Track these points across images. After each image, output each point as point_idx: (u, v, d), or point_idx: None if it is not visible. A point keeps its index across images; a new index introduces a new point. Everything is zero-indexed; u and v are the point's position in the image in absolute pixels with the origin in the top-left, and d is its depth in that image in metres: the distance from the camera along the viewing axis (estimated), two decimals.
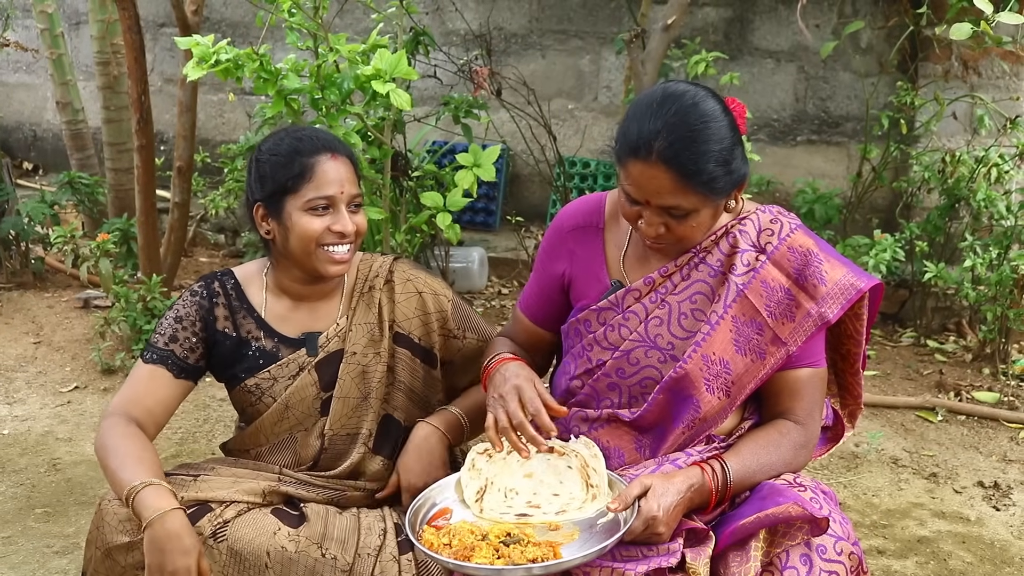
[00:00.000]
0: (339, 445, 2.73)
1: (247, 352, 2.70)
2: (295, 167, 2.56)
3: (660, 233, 2.34)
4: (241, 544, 2.42)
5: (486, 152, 3.98)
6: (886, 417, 5.06)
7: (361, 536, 2.51)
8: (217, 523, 2.45)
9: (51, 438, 4.69)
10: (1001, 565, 3.74)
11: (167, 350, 2.67)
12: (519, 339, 2.76)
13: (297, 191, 2.56)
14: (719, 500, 2.34)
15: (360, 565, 2.45)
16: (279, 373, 2.69)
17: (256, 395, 2.70)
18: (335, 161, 2.59)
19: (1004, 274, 5.34)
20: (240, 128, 8.33)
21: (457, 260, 6.48)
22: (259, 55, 3.72)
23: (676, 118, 2.25)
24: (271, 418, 2.69)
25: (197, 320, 2.69)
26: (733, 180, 2.33)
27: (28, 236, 6.68)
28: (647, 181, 2.27)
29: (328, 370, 2.70)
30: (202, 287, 2.74)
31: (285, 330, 2.72)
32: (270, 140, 2.66)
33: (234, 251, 7.61)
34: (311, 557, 2.44)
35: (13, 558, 3.65)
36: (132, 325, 5.39)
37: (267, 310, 2.73)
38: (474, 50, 5.77)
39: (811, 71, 7.04)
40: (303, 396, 2.69)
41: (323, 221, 2.57)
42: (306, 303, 2.75)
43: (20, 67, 10.04)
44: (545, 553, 2.17)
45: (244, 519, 2.48)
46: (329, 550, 2.45)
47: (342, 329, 2.73)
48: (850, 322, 2.51)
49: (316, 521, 2.52)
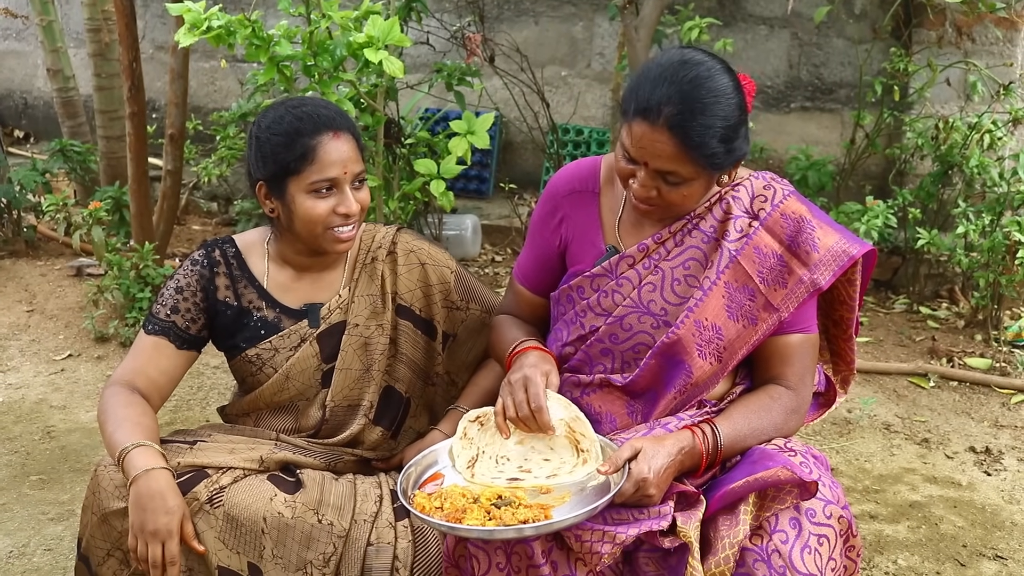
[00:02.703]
0: (340, 416, 2.73)
1: (248, 322, 2.69)
2: (297, 148, 2.52)
3: (650, 196, 2.34)
4: (237, 510, 2.42)
5: (479, 119, 3.96)
6: (878, 383, 5.08)
7: (357, 502, 2.51)
8: (213, 489, 2.44)
9: (45, 406, 4.70)
10: (992, 529, 3.76)
11: (168, 321, 2.65)
12: (522, 313, 2.75)
13: (300, 173, 2.53)
14: (710, 464, 2.35)
15: (356, 531, 2.45)
16: (280, 344, 2.68)
17: (257, 365, 2.69)
18: (337, 140, 2.54)
19: (996, 240, 5.35)
20: (232, 95, 8.29)
21: (450, 227, 6.48)
22: (251, 21, 3.69)
23: (690, 87, 2.24)
24: (271, 388, 2.69)
25: (198, 290, 2.67)
26: (732, 158, 2.34)
27: (20, 204, 6.67)
28: (649, 143, 2.27)
29: (330, 342, 2.69)
30: (203, 256, 2.71)
31: (287, 300, 2.71)
32: (269, 115, 2.60)
33: (227, 219, 7.60)
34: (307, 523, 2.44)
35: (8, 525, 3.66)
36: (125, 293, 5.39)
37: (269, 279, 2.71)
38: (467, 16, 5.75)
39: (804, 37, 7.02)
40: (304, 367, 2.68)
41: (328, 203, 2.55)
42: (309, 273, 2.73)
43: (10, 34, 9.98)
44: (536, 515, 2.18)
45: (240, 485, 2.47)
46: (325, 516, 2.45)
47: (344, 300, 2.72)
48: (843, 288, 2.51)
49: (312, 487, 2.51)
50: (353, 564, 2.43)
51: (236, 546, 2.43)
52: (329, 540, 2.43)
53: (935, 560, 3.57)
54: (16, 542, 3.55)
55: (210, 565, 2.43)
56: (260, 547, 2.42)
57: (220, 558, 2.42)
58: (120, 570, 2.47)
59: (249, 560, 2.43)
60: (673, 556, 2.25)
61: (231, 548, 2.43)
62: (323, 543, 2.43)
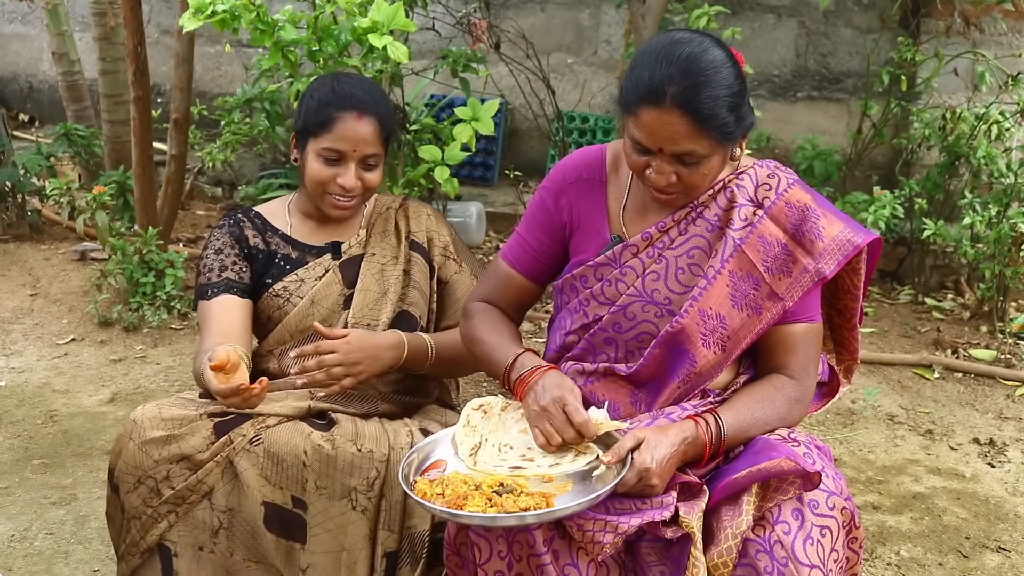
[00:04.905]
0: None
1: (276, 261, 2.93)
2: (322, 114, 2.79)
3: (671, 182, 2.33)
4: (278, 446, 2.55)
5: (484, 106, 3.95)
6: (883, 374, 5.07)
7: (390, 436, 2.64)
8: (260, 427, 2.58)
9: (48, 390, 4.70)
10: (995, 521, 3.76)
11: (223, 279, 2.88)
12: (505, 298, 2.70)
13: (317, 136, 2.80)
14: (713, 454, 2.34)
15: (395, 456, 2.57)
16: (306, 275, 2.90)
17: (284, 297, 2.89)
18: (359, 121, 2.79)
19: (1003, 232, 5.34)
20: (237, 80, 8.28)
21: (455, 214, 6.46)
22: (256, 6, 3.68)
23: (688, 63, 2.24)
24: (298, 315, 2.86)
25: (234, 244, 2.92)
26: (743, 126, 2.33)
27: (24, 188, 6.67)
28: (661, 127, 2.25)
29: (351, 270, 2.93)
30: (227, 218, 2.99)
31: (311, 241, 2.97)
32: (319, 80, 2.92)
33: (231, 204, 7.60)
34: (348, 452, 2.57)
35: (11, 508, 3.66)
36: (129, 278, 5.39)
37: (293, 228, 2.99)
38: (472, 3, 5.73)
39: (812, 26, 6.99)
40: (328, 292, 2.89)
41: (331, 171, 2.81)
42: (330, 223, 2.98)
43: (15, 17, 9.97)
44: (538, 503, 2.17)
45: (279, 428, 2.60)
46: (364, 445, 2.58)
47: (362, 239, 2.99)
48: (847, 277, 2.51)
49: (346, 423, 2.66)
50: (396, 487, 2.55)
51: (279, 481, 2.55)
52: (371, 465, 2.57)
53: (938, 552, 3.56)
54: (18, 526, 3.56)
55: (254, 502, 2.54)
56: (303, 479, 2.55)
57: (264, 494, 2.55)
58: (150, 497, 2.56)
59: (292, 494, 2.55)
60: (675, 546, 2.25)
61: (274, 484, 2.55)
62: (365, 469, 2.56)
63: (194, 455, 2.54)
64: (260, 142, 6.55)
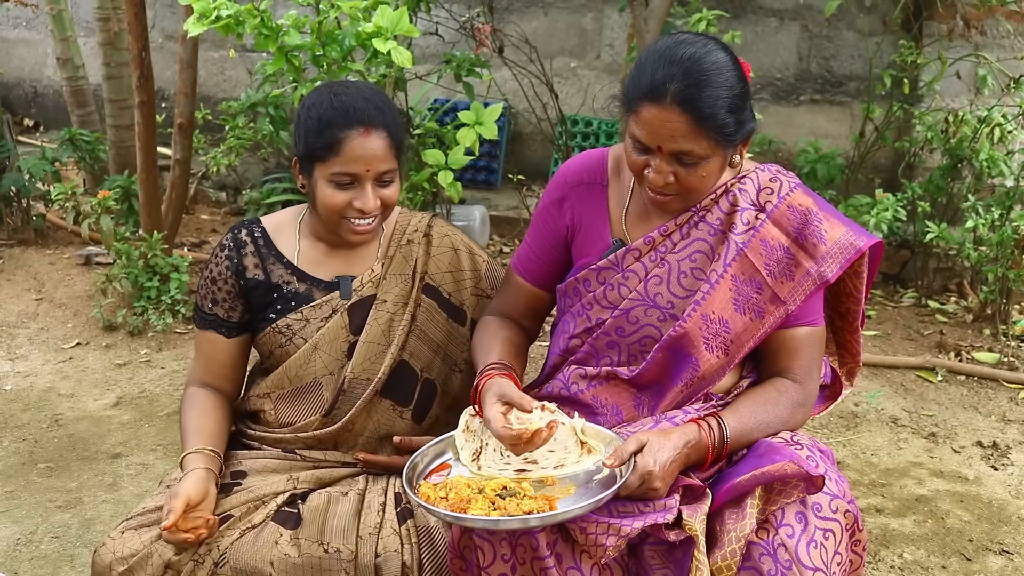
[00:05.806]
0: (356, 389, 2.70)
1: (279, 295, 2.70)
2: (325, 137, 2.53)
3: (668, 182, 2.33)
4: (243, 562, 2.43)
5: (488, 110, 3.97)
6: (886, 377, 5.07)
7: (361, 518, 2.50)
8: (229, 537, 2.46)
9: (53, 394, 4.71)
10: (998, 524, 3.76)
11: (212, 315, 2.73)
12: (517, 308, 2.72)
13: (325, 161, 2.54)
14: (716, 457, 2.35)
15: (363, 548, 2.43)
16: (312, 315, 2.69)
17: (287, 336, 2.69)
18: (366, 137, 2.53)
19: (1005, 235, 5.34)
20: (241, 85, 8.29)
21: (458, 218, 6.47)
22: (260, 11, 3.70)
23: (691, 63, 2.25)
24: (298, 361, 2.68)
25: (229, 277, 2.71)
26: (743, 131, 2.33)
27: (29, 193, 6.68)
28: (661, 125, 2.26)
29: (359, 314, 2.70)
30: (230, 239, 2.74)
31: (319, 273, 2.72)
32: (314, 96, 2.62)
33: (235, 208, 7.61)
34: (315, 557, 2.42)
35: (16, 512, 3.67)
36: (133, 282, 5.41)
37: (301, 255, 2.73)
38: (476, 7, 5.74)
39: (814, 30, 7.00)
40: (333, 338, 2.69)
41: (346, 195, 2.55)
42: (343, 248, 2.74)
43: (20, 23, 9.99)
44: (541, 506, 2.18)
45: (244, 540, 2.47)
46: (331, 544, 2.44)
47: (377, 275, 2.73)
48: (850, 280, 2.51)
49: (313, 520, 2.50)
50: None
51: None
52: (339, 568, 2.42)
53: (941, 554, 3.56)
54: (24, 529, 3.57)
55: None
56: None
57: None
58: None
59: None
60: (678, 549, 2.25)
61: None
62: (334, 572, 2.42)
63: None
64: (264, 146, 6.55)
